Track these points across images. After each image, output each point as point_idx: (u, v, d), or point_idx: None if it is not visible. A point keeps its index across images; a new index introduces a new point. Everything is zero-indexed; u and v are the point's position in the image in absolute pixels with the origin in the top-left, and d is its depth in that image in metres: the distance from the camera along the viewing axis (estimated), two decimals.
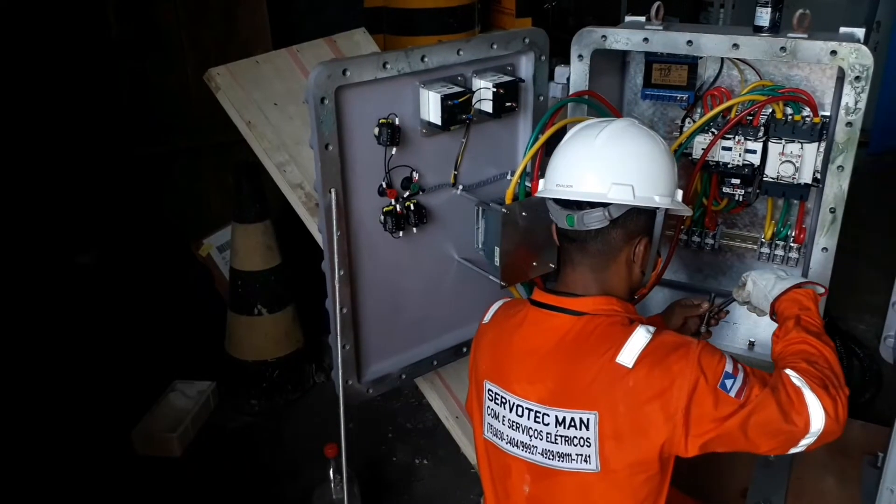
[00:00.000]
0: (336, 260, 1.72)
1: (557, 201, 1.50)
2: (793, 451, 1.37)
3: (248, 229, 2.78)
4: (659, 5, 1.94)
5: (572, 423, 1.38)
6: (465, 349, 2.09)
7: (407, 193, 1.85)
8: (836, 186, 1.77)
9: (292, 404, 2.92)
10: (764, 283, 1.67)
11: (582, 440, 1.38)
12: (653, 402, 1.33)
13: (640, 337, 1.37)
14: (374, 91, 1.72)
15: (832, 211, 1.79)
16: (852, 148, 1.73)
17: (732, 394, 1.33)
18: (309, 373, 2.97)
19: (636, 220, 1.46)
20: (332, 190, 1.69)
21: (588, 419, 1.37)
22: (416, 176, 1.85)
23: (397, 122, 1.75)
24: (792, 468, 2.35)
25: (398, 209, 1.82)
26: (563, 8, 4.65)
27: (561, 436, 1.40)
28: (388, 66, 1.71)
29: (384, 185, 1.79)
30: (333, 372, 1.83)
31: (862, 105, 1.70)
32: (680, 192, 1.52)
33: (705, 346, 1.38)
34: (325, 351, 1.82)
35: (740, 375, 1.35)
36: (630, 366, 1.34)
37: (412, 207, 1.85)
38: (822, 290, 1.63)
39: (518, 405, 1.45)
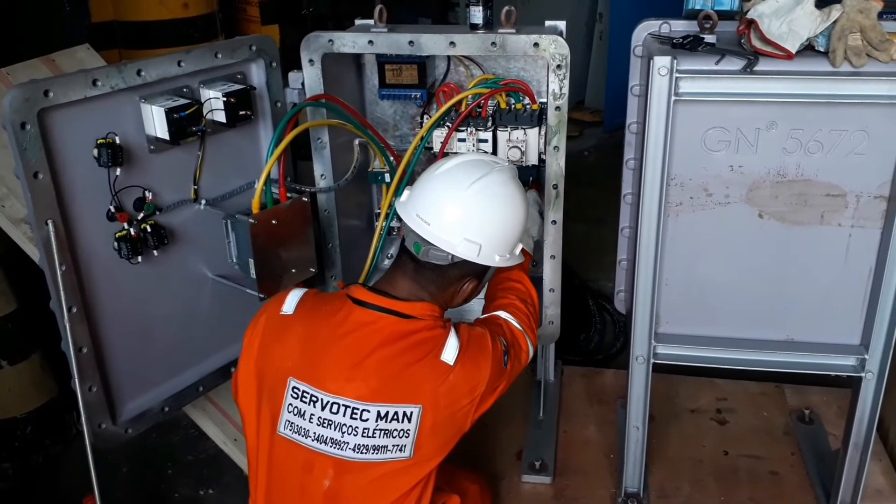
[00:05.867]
0: (63, 297, 1.57)
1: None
2: None
3: None
4: (381, 8, 2.00)
5: (395, 417, 1.49)
6: (233, 369, 2.02)
7: (141, 215, 1.75)
8: (556, 165, 1.95)
9: (54, 459, 2.63)
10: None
11: (402, 432, 1.50)
12: (466, 393, 1.53)
13: (454, 338, 1.54)
14: (86, 110, 1.60)
15: (555, 187, 1.97)
16: (563, 129, 1.91)
17: (507, 367, 1.61)
18: (70, 422, 2.69)
19: (473, 265, 1.61)
20: (49, 221, 1.55)
21: (412, 412, 1.50)
22: (149, 195, 1.75)
23: (118, 141, 1.65)
24: (559, 424, 2.57)
25: (133, 233, 1.72)
26: (321, 13, 4.63)
27: (381, 429, 1.49)
28: (99, 83, 1.60)
29: (113, 209, 1.68)
30: (82, 417, 1.67)
31: (566, 90, 1.88)
32: (520, 246, 1.70)
33: (491, 334, 1.61)
34: None
35: (506, 346, 1.61)
36: (452, 363, 1.51)
37: (149, 229, 1.75)
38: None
39: (333, 402, 1.49)
